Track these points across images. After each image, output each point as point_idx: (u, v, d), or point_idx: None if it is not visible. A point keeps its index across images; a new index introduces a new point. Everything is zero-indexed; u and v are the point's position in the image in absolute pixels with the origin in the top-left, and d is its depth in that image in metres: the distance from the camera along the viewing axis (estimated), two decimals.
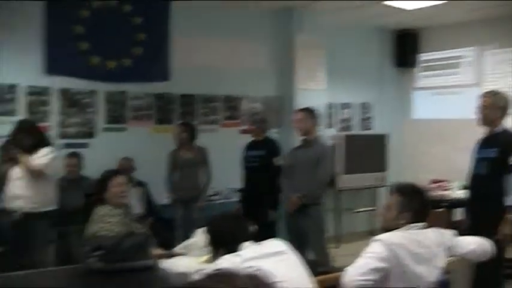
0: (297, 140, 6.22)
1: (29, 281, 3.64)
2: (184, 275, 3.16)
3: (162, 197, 7.04)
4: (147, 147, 7.08)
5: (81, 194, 6.05)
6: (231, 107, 8.09)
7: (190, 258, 3.49)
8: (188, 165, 6.66)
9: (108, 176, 4.19)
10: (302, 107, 6.36)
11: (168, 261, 3.46)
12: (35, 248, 5.29)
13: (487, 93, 4.95)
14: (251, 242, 2.82)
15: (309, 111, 6.00)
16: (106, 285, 3.25)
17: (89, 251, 3.43)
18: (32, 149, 5.34)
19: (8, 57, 6.36)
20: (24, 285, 3.51)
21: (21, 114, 6.47)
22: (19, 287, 3.44)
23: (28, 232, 5.24)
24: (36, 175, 5.28)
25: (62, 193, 6.07)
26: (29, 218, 5.22)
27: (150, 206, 6.88)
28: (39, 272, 4.24)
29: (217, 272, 2.66)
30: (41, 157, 5.32)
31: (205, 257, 3.42)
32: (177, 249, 3.69)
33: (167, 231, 6.29)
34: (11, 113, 6.43)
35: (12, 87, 6.50)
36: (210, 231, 3.00)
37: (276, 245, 2.87)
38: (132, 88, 7.30)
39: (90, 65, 6.97)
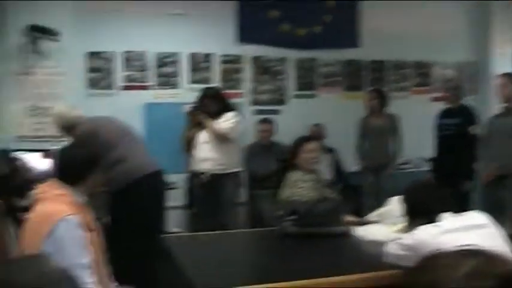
0: (496, 107, 5.83)
1: (222, 241, 3.81)
2: (378, 243, 3.13)
3: (350, 164, 7.01)
4: (337, 114, 7.05)
5: (273, 159, 6.20)
6: (421, 73, 7.78)
7: (384, 226, 3.44)
8: (378, 132, 6.53)
9: (300, 142, 4.22)
10: (501, 72, 5.93)
11: (361, 229, 3.44)
12: (223, 209, 5.57)
13: None
14: (450, 213, 2.68)
15: (511, 77, 5.59)
16: (300, 249, 3.30)
17: (283, 215, 3.49)
18: (218, 114, 5.57)
19: (203, 28, 6.71)
20: (217, 244, 3.67)
21: (215, 82, 6.80)
22: (212, 246, 3.59)
23: (216, 193, 5.51)
24: (221, 139, 5.51)
25: (254, 158, 6.29)
26: (216, 179, 5.47)
27: (339, 172, 6.88)
28: (232, 233, 4.44)
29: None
30: (226, 121, 5.54)
31: (399, 226, 3.34)
32: (370, 216, 3.64)
33: (355, 199, 6.26)
34: (206, 80, 6.77)
35: (207, 56, 6.83)
36: (407, 200, 2.89)
37: (476, 217, 2.70)
38: (322, 55, 7.30)
39: (281, 33, 7.08)
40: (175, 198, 5.45)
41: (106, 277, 2.96)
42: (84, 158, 2.91)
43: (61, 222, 2.65)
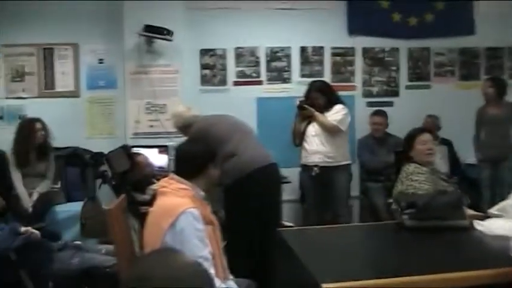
0: None
1: (338, 234, 3.78)
2: (503, 237, 3.00)
3: (467, 155, 6.77)
4: (452, 105, 6.84)
5: (386, 151, 6.11)
6: None
7: (508, 220, 3.29)
8: (496, 122, 6.23)
9: (414, 134, 4.12)
10: None
11: (483, 223, 3.31)
12: (334, 202, 5.53)
13: None
14: None
15: None
16: (419, 243, 3.23)
17: (401, 209, 3.43)
18: (326, 107, 5.54)
19: (313, 22, 6.74)
20: (333, 238, 3.66)
21: (326, 75, 6.78)
22: (325, 240, 3.58)
23: (327, 186, 5.48)
24: (331, 131, 5.47)
25: (368, 151, 6.21)
26: (327, 172, 5.43)
27: (455, 164, 6.66)
28: (348, 226, 4.41)
29: None
30: (335, 114, 5.50)
31: None
32: (493, 210, 3.49)
33: (473, 192, 6.03)
34: (317, 74, 6.77)
35: (318, 50, 6.82)
36: None
37: None
38: (435, 44, 7.10)
39: (392, 23, 6.95)
40: (287, 192, 5.48)
41: (223, 270, 3.03)
42: (201, 153, 2.99)
43: (182, 215, 2.74)
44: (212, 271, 2.77)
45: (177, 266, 1.43)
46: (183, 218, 2.75)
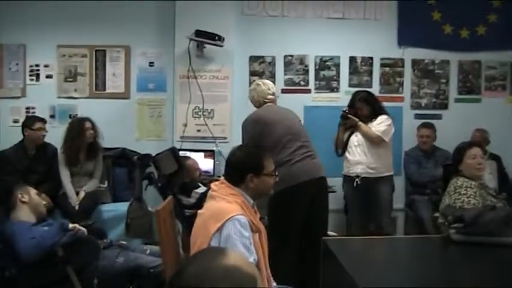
0: None
1: (383, 246, 3.76)
2: None
3: None
4: (501, 119, 6.74)
5: (434, 164, 6.05)
6: None
7: None
8: None
9: (464, 147, 4.08)
10: None
11: None
12: (377, 213, 5.48)
13: None
14: None
15: None
16: (466, 258, 3.19)
17: (448, 222, 3.39)
18: (370, 117, 5.50)
19: (363, 31, 6.75)
20: (377, 248, 3.64)
21: (375, 86, 6.74)
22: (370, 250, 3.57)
23: (369, 197, 5.44)
24: (374, 142, 5.43)
25: (414, 163, 6.15)
26: (369, 183, 5.39)
27: (504, 180, 6.53)
28: (394, 238, 4.38)
29: None
30: (379, 125, 5.46)
31: None
32: None
33: None
34: (366, 84, 6.74)
35: (367, 60, 6.80)
36: None
37: None
38: (486, 57, 6.98)
39: (443, 35, 6.87)
40: (331, 202, 5.47)
41: (267, 278, 3.04)
42: (241, 162, 3.00)
43: (229, 221, 2.76)
44: None
45: (212, 266, 1.41)
46: (230, 224, 2.76)
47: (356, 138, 5.49)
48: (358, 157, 5.44)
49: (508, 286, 2.58)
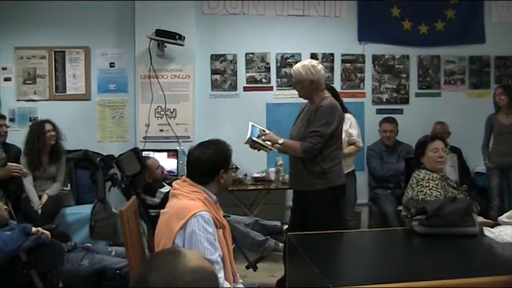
0: None
1: (347, 239, 3.81)
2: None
3: (475, 164, 6.78)
4: (461, 113, 6.85)
5: (397, 159, 6.12)
6: None
7: None
8: (507, 130, 6.23)
9: (426, 140, 4.13)
10: None
11: (493, 230, 3.31)
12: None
13: None
14: None
15: None
16: (429, 249, 3.23)
17: (411, 215, 3.43)
18: None
19: (324, 28, 6.81)
20: (342, 242, 3.68)
21: (337, 82, 6.80)
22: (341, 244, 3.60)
23: None
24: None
25: (377, 158, 6.22)
26: None
27: (464, 173, 6.66)
28: (358, 231, 4.42)
29: None
30: (352, 128, 5.57)
31: None
32: (502, 218, 3.50)
33: (481, 200, 6.02)
34: (328, 81, 6.71)
35: (328, 56, 6.85)
36: None
37: None
38: (445, 52, 7.10)
39: (402, 31, 6.97)
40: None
41: (233, 273, 3.05)
42: (212, 159, 3.00)
43: (193, 218, 2.76)
44: (222, 275, 2.79)
45: (177, 272, 1.40)
46: (193, 221, 2.76)
47: None
48: None
49: (469, 274, 2.62)
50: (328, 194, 4.19)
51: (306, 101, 4.44)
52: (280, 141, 4.19)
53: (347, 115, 5.51)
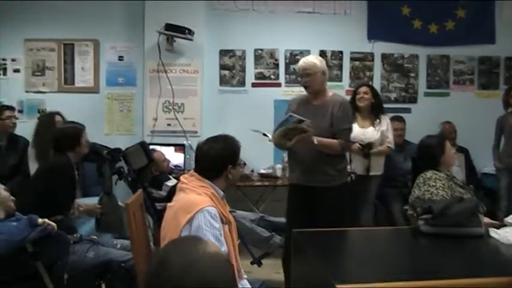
0: None
1: (354, 237, 3.80)
2: None
3: (483, 164, 6.76)
4: (469, 113, 6.83)
5: (404, 158, 6.10)
6: None
7: None
8: None
9: (443, 139, 4.13)
10: None
11: (499, 231, 3.31)
12: (360, 206, 5.63)
13: None
14: None
15: None
16: (434, 249, 3.23)
17: (417, 214, 3.42)
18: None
19: (334, 26, 6.81)
20: (348, 240, 3.68)
21: (345, 80, 6.80)
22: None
23: (357, 192, 5.47)
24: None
25: (387, 157, 6.20)
26: (359, 180, 5.39)
27: (471, 173, 6.64)
28: (365, 230, 4.42)
29: None
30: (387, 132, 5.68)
31: None
32: (508, 219, 3.48)
33: (488, 200, 6.00)
34: (337, 78, 6.79)
35: (337, 54, 6.84)
36: None
37: None
38: (455, 52, 7.07)
39: (412, 30, 6.95)
40: None
41: (238, 269, 3.05)
42: (220, 154, 3.00)
43: (199, 213, 2.77)
44: None
45: (198, 255, 1.41)
46: (200, 215, 2.77)
47: None
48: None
49: (474, 274, 2.61)
50: (343, 190, 4.34)
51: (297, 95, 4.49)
52: (315, 141, 4.15)
53: (384, 116, 5.56)
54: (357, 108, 5.59)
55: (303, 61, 4.41)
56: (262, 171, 6.34)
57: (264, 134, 4.27)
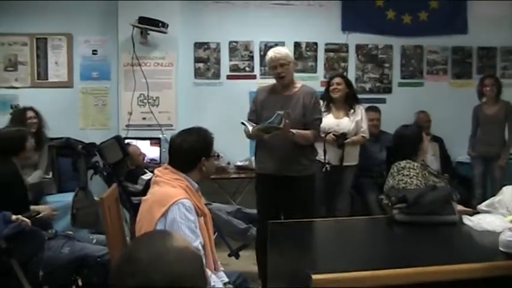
0: None
1: (330, 227, 3.82)
2: (490, 233, 3.05)
3: (457, 153, 6.84)
4: (443, 103, 6.90)
5: (380, 148, 6.13)
6: None
7: (496, 216, 3.33)
8: (494, 120, 6.26)
9: (419, 129, 4.16)
10: None
11: (472, 218, 3.35)
12: (336, 196, 5.65)
13: None
14: None
15: None
16: (409, 237, 3.26)
17: (392, 203, 3.45)
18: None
19: (308, 17, 6.80)
20: (323, 230, 3.70)
21: (320, 71, 6.81)
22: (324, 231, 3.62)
23: (332, 182, 5.50)
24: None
25: (361, 146, 6.23)
26: (334, 171, 5.42)
27: (446, 162, 6.70)
28: (340, 220, 4.44)
29: None
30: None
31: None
32: (481, 206, 3.53)
33: (463, 189, 6.06)
34: (311, 69, 6.80)
35: (312, 45, 6.85)
36: None
37: None
38: (428, 42, 7.13)
39: (386, 20, 6.98)
40: None
41: (214, 261, 3.05)
42: (194, 146, 3.00)
43: (174, 205, 2.76)
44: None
45: (164, 249, 1.40)
46: (175, 208, 2.77)
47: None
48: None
49: (448, 261, 2.65)
50: (314, 179, 4.46)
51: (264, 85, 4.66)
52: (294, 131, 4.20)
53: (359, 106, 5.57)
54: (331, 99, 5.60)
55: (276, 52, 4.41)
56: (239, 163, 6.35)
57: (243, 123, 4.26)
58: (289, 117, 4.04)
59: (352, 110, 5.60)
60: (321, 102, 5.29)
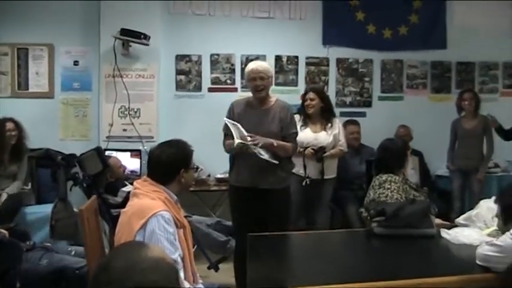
0: None
1: (308, 240, 3.84)
2: (468, 246, 3.08)
3: (436, 167, 6.89)
4: (423, 117, 6.97)
5: (360, 161, 6.17)
6: (511, 74, 7.51)
7: (473, 229, 3.37)
8: (472, 134, 6.33)
9: (403, 143, 4.21)
10: None
11: (450, 232, 3.38)
12: (316, 209, 5.61)
13: None
14: None
15: None
16: (387, 250, 3.29)
17: (371, 216, 3.48)
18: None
19: (289, 31, 6.85)
20: (302, 243, 3.71)
21: (301, 84, 6.85)
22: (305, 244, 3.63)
23: (312, 195, 5.50)
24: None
25: (341, 160, 6.25)
26: (314, 184, 5.43)
27: (425, 175, 6.75)
28: (319, 233, 4.45)
29: None
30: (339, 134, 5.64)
31: (489, 229, 3.28)
32: (459, 220, 3.57)
33: (442, 202, 6.12)
34: (292, 83, 6.84)
35: (293, 59, 6.89)
36: (502, 203, 2.84)
37: None
38: (408, 56, 7.20)
39: (366, 35, 7.05)
40: None
41: (193, 273, 3.05)
42: (172, 158, 3.00)
43: (153, 217, 2.76)
44: (181, 274, 2.79)
45: (138, 259, 1.42)
46: (154, 220, 2.76)
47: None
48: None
49: (426, 274, 2.67)
50: (289, 192, 4.45)
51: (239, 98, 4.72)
52: (274, 144, 4.21)
53: (336, 120, 5.59)
54: (307, 115, 5.57)
55: (257, 65, 4.42)
56: (219, 175, 6.34)
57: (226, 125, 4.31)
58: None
59: (329, 124, 5.58)
60: (298, 116, 5.34)
